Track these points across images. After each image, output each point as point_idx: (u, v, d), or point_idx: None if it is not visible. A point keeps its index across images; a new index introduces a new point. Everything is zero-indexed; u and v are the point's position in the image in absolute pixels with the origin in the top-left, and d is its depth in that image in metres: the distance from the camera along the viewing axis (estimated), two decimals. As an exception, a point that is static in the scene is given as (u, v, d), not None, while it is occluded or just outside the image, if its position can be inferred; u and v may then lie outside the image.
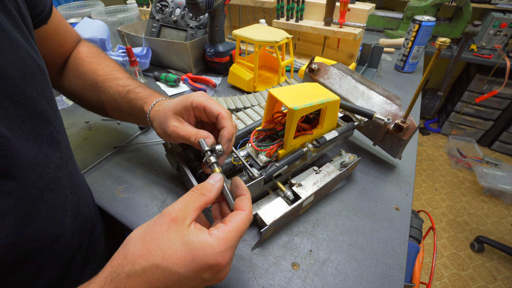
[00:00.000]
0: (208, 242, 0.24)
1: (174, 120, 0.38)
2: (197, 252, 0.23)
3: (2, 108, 0.25)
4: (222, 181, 0.30)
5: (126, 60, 0.85)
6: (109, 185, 0.52)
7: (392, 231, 0.44)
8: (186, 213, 0.26)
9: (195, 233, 0.25)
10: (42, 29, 0.41)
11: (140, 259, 0.23)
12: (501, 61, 1.73)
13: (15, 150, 0.26)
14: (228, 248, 0.25)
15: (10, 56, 0.27)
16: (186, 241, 0.24)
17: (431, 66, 0.41)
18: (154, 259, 0.23)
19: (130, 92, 0.45)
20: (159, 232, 0.25)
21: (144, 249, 0.24)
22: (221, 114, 0.37)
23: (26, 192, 0.27)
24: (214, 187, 0.29)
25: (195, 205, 0.27)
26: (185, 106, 0.38)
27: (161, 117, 0.40)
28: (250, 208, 0.29)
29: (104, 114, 0.52)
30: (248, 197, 0.30)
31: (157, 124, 0.41)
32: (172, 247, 0.24)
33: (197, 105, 0.37)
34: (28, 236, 0.28)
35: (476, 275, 1.42)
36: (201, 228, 0.26)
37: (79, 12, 1.04)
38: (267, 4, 0.94)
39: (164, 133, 0.40)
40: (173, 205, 0.26)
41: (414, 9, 1.13)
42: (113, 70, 0.49)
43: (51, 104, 0.33)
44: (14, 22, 0.29)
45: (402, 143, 0.51)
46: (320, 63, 0.64)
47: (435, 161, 2.13)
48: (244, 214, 0.28)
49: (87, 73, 0.48)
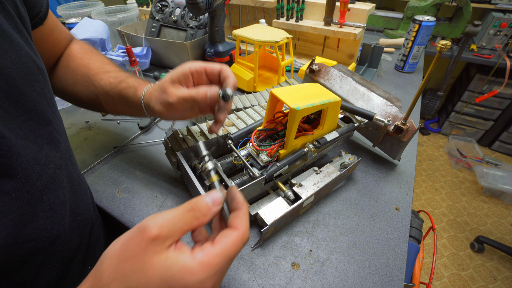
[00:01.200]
0: (189, 268, 0.21)
1: (172, 88, 0.38)
2: (175, 280, 0.20)
3: (2, 108, 0.25)
4: (221, 204, 0.26)
5: (126, 60, 0.85)
6: (109, 185, 0.52)
7: (392, 231, 0.44)
8: (170, 233, 0.22)
9: (174, 257, 0.21)
10: (38, 30, 0.42)
11: (114, 283, 0.21)
12: (501, 61, 1.73)
13: (15, 150, 0.26)
14: (212, 275, 0.21)
15: (10, 56, 0.27)
16: (164, 267, 0.21)
17: (432, 69, 0.41)
18: (129, 283, 0.20)
19: (121, 82, 0.45)
20: (135, 251, 0.21)
21: (118, 271, 0.21)
22: (222, 68, 0.39)
23: (25, 192, 0.27)
24: (211, 212, 0.24)
25: (184, 227, 0.23)
26: (183, 73, 0.38)
27: (158, 92, 0.39)
28: (245, 226, 0.25)
29: (95, 108, 0.51)
30: (244, 212, 0.26)
31: (155, 101, 0.40)
32: (148, 272, 0.20)
33: (196, 68, 0.38)
34: (26, 236, 0.28)
35: (476, 275, 1.42)
36: (182, 249, 0.22)
37: (79, 12, 1.04)
38: (267, 4, 0.94)
39: (166, 105, 0.39)
40: (158, 218, 0.22)
41: (414, 9, 1.13)
42: (105, 64, 0.49)
43: (50, 105, 0.33)
44: (14, 23, 0.29)
45: (401, 144, 0.51)
46: (321, 64, 0.64)
47: (435, 161, 2.13)
48: (236, 235, 0.24)
49: (78, 68, 0.48)
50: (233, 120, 0.56)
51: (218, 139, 0.48)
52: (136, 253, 0.21)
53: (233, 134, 0.49)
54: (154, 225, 0.21)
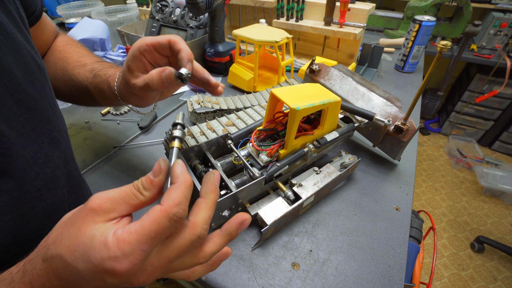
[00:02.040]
0: (106, 242, 0.20)
1: (132, 79, 0.36)
2: (94, 252, 0.20)
3: (6, 106, 0.26)
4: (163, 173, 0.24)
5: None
6: (109, 185, 0.52)
7: (392, 231, 0.44)
8: (112, 206, 0.21)
9: (104, 228, 0.21)
10: (32, 29, 0.42)
11: (52, 246, 0.21)
12: (501, 61, 1.73)
13: (14, 149, 0.26)
14: (127, 254, 0.20)
15: (12, 55, 0.27)
16: (91, 235, 0.20)
17: (432, 69, 0.41)
18: (61, 247, 0.20)
19: (96, 76, 0.44)
20: (76, 218, 0.21)
21: (58, 235, 0.21)
22: (171, 40, 0.34)
23: (24, 191, 0.27)
24: (153, 184, 0.23)
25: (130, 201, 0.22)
26: (134, 56, 0.35)
27: (124, 86, 0.38)
28: (172, 201, 0.22)
29: (76, 102, 0.50)
30: (177, 185, 0.23)
31: (126, 94, 0.39)
32: (78, 238, 0.20)
33: (144, 48, 0.35)
34: (26, 235, 0.28)
35: (476, 275, 1.42)
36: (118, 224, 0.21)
37: (79, 12, 1.04)
38: (267, 4, 0.94)
39: (136, 98, 0.38)
40: (104, 193, 0.22)
41: (414, 9, 1.13)
42: (82, 57, 0.48)
43: (51, 104, 0.33)
44: (15, 23, 0.29)
45: (401, 144, 0.51)
46: (321, 64, 0.64)
47: (435, 161, 2.13)
48: (157, 210, 0.21)
49: (57, 62, 0.47)
50: (233, 120, 0.56)
51: (218, 139, 0.48)
52: (76, 220, 0.21)
53: (233, 134, 0.49)
54: (97, 197, 0.22)
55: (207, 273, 0.34)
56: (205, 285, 0.38)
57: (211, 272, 0.38)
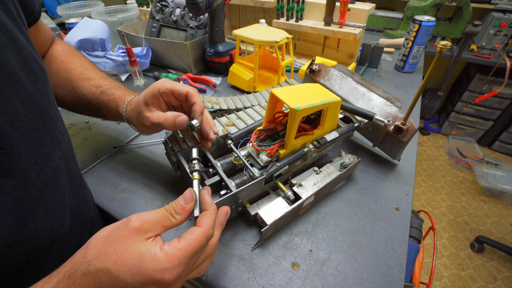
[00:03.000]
0: (157, 257, 0.24)
1: (146, 112, 0.40)
2: (145, 265, 0.24)
3: (12, 106, 0.26)
4: (193, 201, 0.29)
5: (126, 60, 0.85)
6: (109, 185, 0.52)
7: (392, 231, 0.44)
8: (151, 227, 0.26)
9: (148, 245, 0.25)
10: (29, 30, 0.42)
11: (96, 261, 0.24)
12: (501, 61, 1.73)
13: (16, 149, 0.26)
14: (175, 266, 0.24)
15: (15, 56, 0.27)
16: (139, 251, 0.24)
17: (432, 69, 0.41)
18: (107, 263, 0.24)
19: (103, 94, 0.47)
20: (119, 237, 0.25)
21: (101, 251, 0.24)
22: (189, 92, 0.39)
23: (25, 192, 0.27)
24: (185, 210, 0.28)
25: (164, 223, 0.27)
26: (153, 94, 0.39)
27: (135, 113, 0.42)
28: (209, 224, 0.28)
29: (76, 111, 0.52)
30: (211, 212, 0.29)
31: (135, 122, 0.43)
32: (126, 254, 0.24)
33: (164, 90, 0.39)
34: (27, 236, 0.28)
35: (476, 275, 1.42)
36: (157, 242, 0.26)
37: (79, 12, 1.04)
38: (267, 4, 0.94)
39: (145, 128, 0.42)
40: (142, 214, 0.26)
41: (414, 9, 1.13)
42: (86, 70, 0.50)
43: (52, 104, 0.34)
44: (16, 24, 0.29)
45: (401, 144, 0.51)
46: (321, 64, 0.64)
47: (435, 161, 2.13)
48: (199, 232, 0.27)
49: (60, 72, 0.48)
50: (233, 120, 0.56)
51: (218, 139, 0.48)
52: (119, 238, 0.25)
53: (233, 134, 0.49)
54: (138, 219, 0.26)
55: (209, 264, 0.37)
56: (205, 285, 0.38)
57: (211, 272, 0.38)
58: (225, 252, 0.41)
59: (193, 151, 0.37)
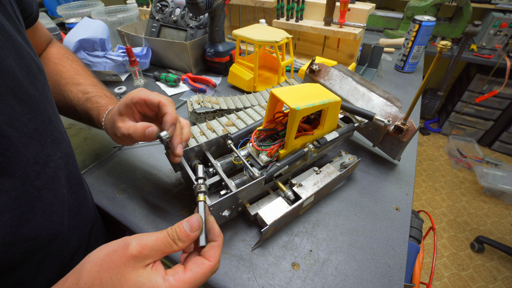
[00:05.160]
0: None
1: (119, 122, 0.38)
2: None
3: (10, 106, 0.26)
4: (199, 230, 0.27)
5: (126, 60, 0.85)
6: (109, 185, 0.52)
7: (392, 231, 0.44)
8: (150, 254, 0.24)
9: (148, 275, 0.23)
10: (27, 31, 0.42)
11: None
12: (501, 61, 1.73)
13: (14, 149, 0.26)
14: None
15: (13, 56, 0.27)
16: (138, 283, 0.23)
17: (432, 69, 0.41)
18: None
19: (87, 101, 0.46)
20: (116, 263, 0.23)
21: (96, 279, 0.23)
22: (161, 101, 0.37)
23: (23, 191, 0.27)
24: (189, 238, 0.26)
25: (164, 250, 0.25)
26: (126, 104, 0.38)
27: (110, 123, 0.41)
28: (217, 258, 0.27)
29: (64, 114, 0.51)
30: (219, 244, 0.28)
31: (110, 132, 0.41)
32: (124, 284, 0.22)
33: (136, 100, 0.38)
34: (25, 235, 0.28)
35: (476, 275, 1.42)
36: (157, 270, 0.24)
37: (79, 12, 1.04)
38: (267, 4, 0.94)
39: (117, 139, 0.40)
40: (142, 238, 0.25)
41: (414, 9, 1.13)
42: (77, 75, 0.49)
43: (51, 104, 0.34)
44: (14, 25, 0.29)
45: (401, 144, 0.51)
46: (321, 64, 0.64)
47: (435, 161, 2.13)
48: (208, 266, 0.26)
49: (51, 74, 0.48)
50: (233, 120, 0.56)
51: (218, 139, 0.48)
52: (116, 265, 0.23)
53: (233, 134, 0.49)
54: (137, 244, 0.24)
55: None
56: (205, 285, 0.38)
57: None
58: (225, 252, 0.41)
59: (199, 168, 0.35)
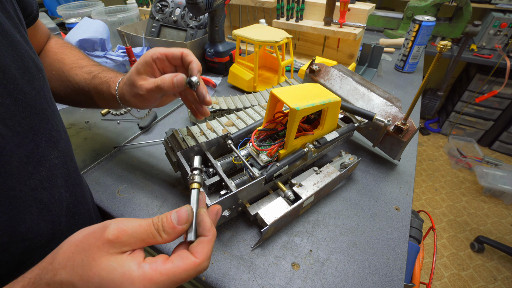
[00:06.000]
0: (131, 276, 0.20)
1: (140, 80, 0.39)
2: (113, 284, 0.20)
3: (3, 105, 0.26)
4: (187, 223, 0.25)
5: (126, 60, 0.85)
6: (109, 185, 0.52)
7: (392, 231, 0.44)
8: (128, 241, 0.22)
9: (121, 261, 0.21)
10: (27, 30, 0.42)
11: (62, 271, 0.21)
12: (501, 61, 1.73)
13: (9, 148, 0.26)
14: None
15: (10, 54, 0.27)
16: (108, 268, 0.21)
17: (432, 69, 0.41)
18: (73, 276, 0.21)
19: (95, 78, 0.46)
20: (91, 246, 0.22)
21: (70, 260, 0.21)
22: (183, 52, 0.38)
23: (18, 191, 0.27)
24: (175, 231, 0.24)
25: (146, 239, 0.23)
26: (146, 62, 0.38)
27: (128, 86, 0.40)
28: (205, 255, 0.24)
29: (72, 103, 0.51)
30: (210, 239, 0.25)
31: (128, 95, 0.41)
32: (93, 269, 0.21)
33: (158, 56, 0.38)
34: (22, 235, 0.28)
35: (476, 275, 1.42)
36: (134, 256, 0.22)
37: (79, 12, 1.04)
38: (267, 4, 0.94)
39: (138, 98, 0.40)
40: (123, 223, 0.23)
41: (414, 9, 1.13)
42: (79, 59, 0.49)
43: (50, 103, 0.34)
44: (13, 23, 0.29)
45: (401, 144, 0.51)
46: (321, 64, 0.64)
47: (435, 161, 2.13)
48: (192, 263, 0.23)
49: (53, 63, 0.48)
50: (233, 120, 0.56)
51: (218, 139, 0.48)
52: (90, 248, 0.21)
53: (233, 134, 0.49)
54: (115, 229, 0.22)
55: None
56: (205, 285, 0.38)
57: (211, 272, 0.38)
58: (225, 252, 0.41)
59: (195, 159, 0.33)
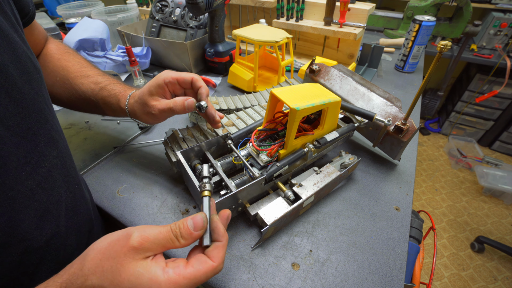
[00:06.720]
0: (157, 280, 0.23)
1: (152, 101, 0.42)
2: (142, 287, 0.23)
3: (2, 105, 0.25)
4: (202, 229, 0.28)
5: (126, 60, 0.85)
6: (109, 185, 0.52)
7: (392, 231, 0.44)
8: (151, 247, 0.25)
9: (147, 266, 0.24)
10: (24, 30, 0.42)
11: (93, 276, 0.23)
12: (501, 61, 1.73)
13: (7, 148, 0.26)
14: None
15: (8, 55, 0.27)
16: (136, 273, 0.23)
17: (432, 69, 0.41)
18: (104, 280, 0.23)
19: (103, 90, 0.48)
20: (117, 253, 0.24)
21: (99, 267, 0.24)
22: (193, 78, 0.43)
23: (16, 191, 0.27)
24: (191, 236, 0.26)
25: (166, 245, 0.25)
26: (158, 85, 0.42)
27: (140, 105, 0.44)
28: (221, 258, 0.27)
29: (75, 108, 0.53)
30: (224, 244, 0.28)
31: (140, 113, 0.44)
32: (122, 274, 0.23)
33: (169, 80, 0.42)
34: (21, 235, 0.28)
35: (477, 275, 1.42)
36: (157, 261, 0.25)
37: (79, 12, 1.04)
38: (267, 4, 0.94)
39: (150, 117, 0.44)
40: (145, 230, 0.25)
41: (414, 9, 1.13)
42: (83, 67, 0.50)
43: (48, 103, 0.33)
44: (11, 23, 0.29)
45: (402, 144, 0.51)
46: (321, 64, 0.63)
47: (435, 161, 2.13)
48: (210, 266, 0.26)
49: (57, 70, 0.49)
50: (233, 120, 0.56)
51: (218, 139, 0.48)
52: (117, 255, 0.24)
53: (233, 134, 0.49)
54: (138, 236, 0.25)
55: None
56: (205, 285, 0.38)
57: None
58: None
59: (204, 168, 0.35)
